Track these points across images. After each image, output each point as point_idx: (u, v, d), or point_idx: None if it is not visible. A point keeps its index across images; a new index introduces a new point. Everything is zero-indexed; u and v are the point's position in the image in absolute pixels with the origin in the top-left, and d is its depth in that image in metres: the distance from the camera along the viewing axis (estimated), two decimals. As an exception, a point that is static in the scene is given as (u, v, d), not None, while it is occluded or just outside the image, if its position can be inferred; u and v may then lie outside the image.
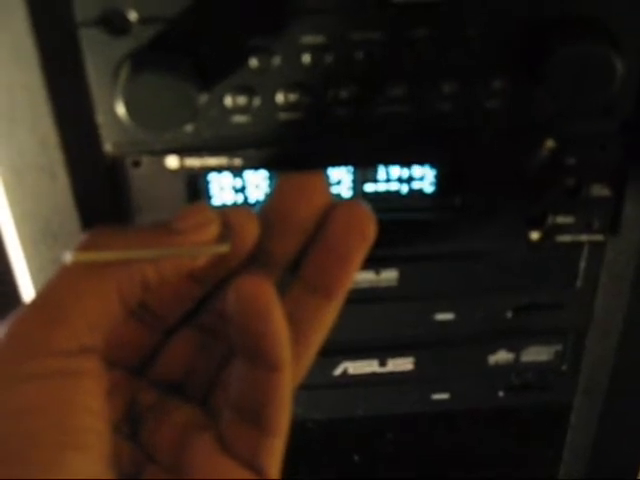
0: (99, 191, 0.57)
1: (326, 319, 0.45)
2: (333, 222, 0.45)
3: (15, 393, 0.38)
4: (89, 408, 0.39)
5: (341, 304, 0.45)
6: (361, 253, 0.44)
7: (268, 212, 0.46)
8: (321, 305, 0.45)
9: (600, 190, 0.60)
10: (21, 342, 0.39)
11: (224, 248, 0.43)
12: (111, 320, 0.41)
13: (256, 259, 0.45)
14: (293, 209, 0.45)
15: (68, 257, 0.39)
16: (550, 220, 0.61)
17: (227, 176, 0.60)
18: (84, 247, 0.41)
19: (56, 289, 0.40)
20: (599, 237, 0.62)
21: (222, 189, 0.60)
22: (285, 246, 0.46)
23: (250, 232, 0.44)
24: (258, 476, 0.42)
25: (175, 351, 0.47)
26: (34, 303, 0.40)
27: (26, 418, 0.37)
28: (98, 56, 0.52)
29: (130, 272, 0.41)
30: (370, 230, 0.44)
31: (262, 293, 0.39)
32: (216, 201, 0.61)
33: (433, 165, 0.61)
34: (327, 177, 0.49)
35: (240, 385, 0.42)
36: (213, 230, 0.43)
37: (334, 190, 0.60)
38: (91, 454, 0.38)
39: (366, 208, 0.45)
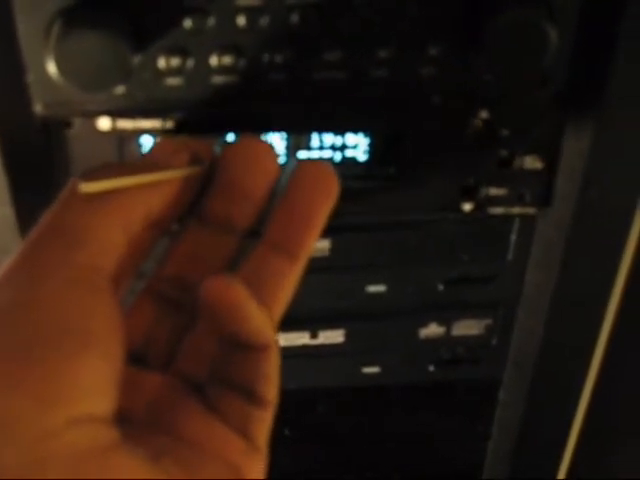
0: (29, 153, 0.56)
1: (289, 280, 0.45)
2: (297, 180, 0.44)
3: (38, 293, 0.38)
4: (108, 317, 0.39)
5: (304, 266, 0.45)
6: (325, 211, 0.44)
7: (218, 179, 0.46)
8: (285, 266, 0.44)
9: (533, 162, 0.61)
10: (40, 257, 0.39)
11: (198, 168, 0.45)
12: (118, 249, 0.41)
13: (215, 225, 0.45)
14: (242, 177, 0.45)
15: (83, 188, 0.40)
16: (483, 192, 0.61)
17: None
18: (91, 179, 0.41)
19: (68, 218, 0.40)
20: (530, 210, 0.63)
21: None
22: (241, 212, 0.45)
23: (208, 156, 0.46)
24: (249, 444, 0.42)
25: (133, 320, 0.46)
26: (46, 230, 0.40)
27: (48, 320, 0.37)
28: (29, 12, 0.51)
29: (134, 203, 0.42)
30: (334, 188, 0.44)
31: (233, 295, 0.41)
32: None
33: (367, 133, 0.61)
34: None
35: (225, 362, 0.43)
36: (186, 154, 0.45)
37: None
38: (108, 362, 0.38)
39: (330, 167, 0.45)
